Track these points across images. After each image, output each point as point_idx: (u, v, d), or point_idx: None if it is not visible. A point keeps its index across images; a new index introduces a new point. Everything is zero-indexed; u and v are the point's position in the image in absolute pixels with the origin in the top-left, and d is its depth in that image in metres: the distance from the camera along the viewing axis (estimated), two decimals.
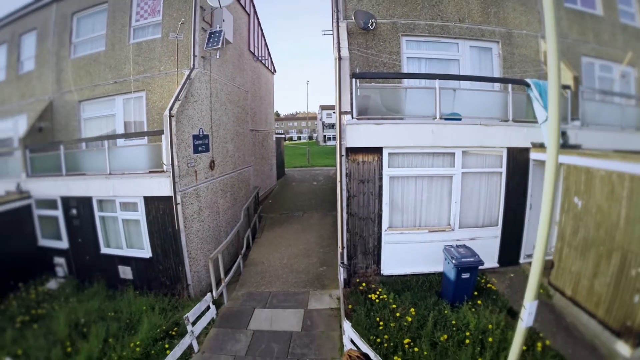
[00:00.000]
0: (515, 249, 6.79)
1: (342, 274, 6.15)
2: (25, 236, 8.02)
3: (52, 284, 7.73)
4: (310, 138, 78.53)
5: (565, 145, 6.68)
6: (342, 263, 6.17)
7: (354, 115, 6.03)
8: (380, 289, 5.81)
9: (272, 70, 16.28)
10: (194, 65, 7.51)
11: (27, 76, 9.58)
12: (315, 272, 7.18)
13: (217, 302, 6.34)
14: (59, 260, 8.07)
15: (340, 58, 5.98)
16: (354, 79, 6.01)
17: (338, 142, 6.10)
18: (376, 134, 6.01)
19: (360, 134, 6.00)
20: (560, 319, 5.47)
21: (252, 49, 11.80)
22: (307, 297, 6.34)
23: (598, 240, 5.18)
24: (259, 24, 13.14)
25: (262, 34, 13.83)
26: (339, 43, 6.35)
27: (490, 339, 4.64)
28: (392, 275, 6.23)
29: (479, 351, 4.45)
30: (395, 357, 4.40)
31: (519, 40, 7.49)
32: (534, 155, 6.54)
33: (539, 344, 4.57)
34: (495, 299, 5.80)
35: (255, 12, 12.40)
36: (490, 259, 6.59)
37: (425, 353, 4.39)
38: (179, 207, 6.80)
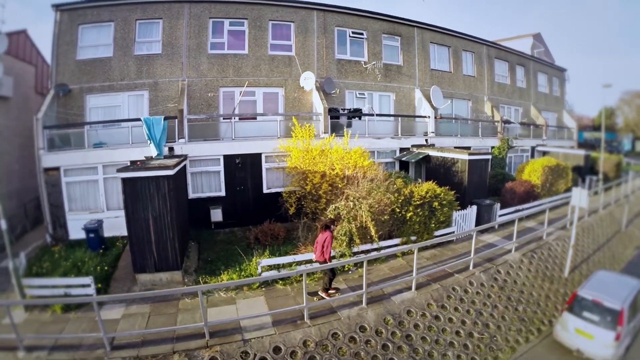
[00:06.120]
0: None
1: (48, 239, 12.41)
2: None
3: None
4: None
5: (165, 156, 12.11)
6: (48, 233, 12.43)
7: (45, 149, 12.11)
8: (58, 246, 11.96)
9: None
10: None
11: None
12: None
13: None
14: None
15: (37, 119, 12.01)
16: (44, 129, 12.07)
17: (37, 164, 12.21)
18: (56, 159, 12.04)
19: (48, 160, 12.07)
20: None
21: (40, 90, 17.87)
22: None
23: None
24: (49, 67, 18.90)
25: None
26: (39, 107, 12.36)
27: (84, 264, 10.57)
28: (74, 239, 12.34)
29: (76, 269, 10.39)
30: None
31: (164, 85, 12.97)
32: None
33: None
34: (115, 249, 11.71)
35: (43, 60, 18.55)
36: None
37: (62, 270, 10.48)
38: None
